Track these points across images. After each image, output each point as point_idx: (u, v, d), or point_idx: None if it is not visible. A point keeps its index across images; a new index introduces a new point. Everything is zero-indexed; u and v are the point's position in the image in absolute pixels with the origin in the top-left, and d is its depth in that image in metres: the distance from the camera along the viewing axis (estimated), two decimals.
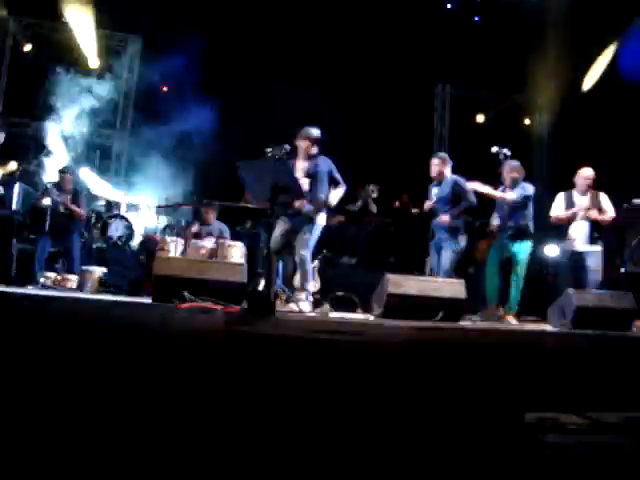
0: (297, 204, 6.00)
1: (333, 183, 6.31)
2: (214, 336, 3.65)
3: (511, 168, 7.02)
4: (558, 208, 7.12)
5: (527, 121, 15.25)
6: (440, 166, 7.04)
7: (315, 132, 6.39)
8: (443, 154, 7.44)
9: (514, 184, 6.97)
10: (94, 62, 12.52)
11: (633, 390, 3.93)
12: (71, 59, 12.25)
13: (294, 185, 4.67)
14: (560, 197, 7.16)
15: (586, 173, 7.06)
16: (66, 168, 9.00)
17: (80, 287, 7.21)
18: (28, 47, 12.31)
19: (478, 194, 6.89)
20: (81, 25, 12.00)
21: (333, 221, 8.95)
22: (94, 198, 10.57)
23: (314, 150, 6.27)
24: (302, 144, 6.22)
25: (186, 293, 4.14)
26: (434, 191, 7.05)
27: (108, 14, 12.00)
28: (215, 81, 12.49)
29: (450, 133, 15.31)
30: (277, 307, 5.94)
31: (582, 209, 6.87)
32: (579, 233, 6.93)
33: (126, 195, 11.24)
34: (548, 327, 5.99)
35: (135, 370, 3.45)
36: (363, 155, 12.18)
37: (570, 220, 6.98)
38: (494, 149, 7.02)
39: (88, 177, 10.94)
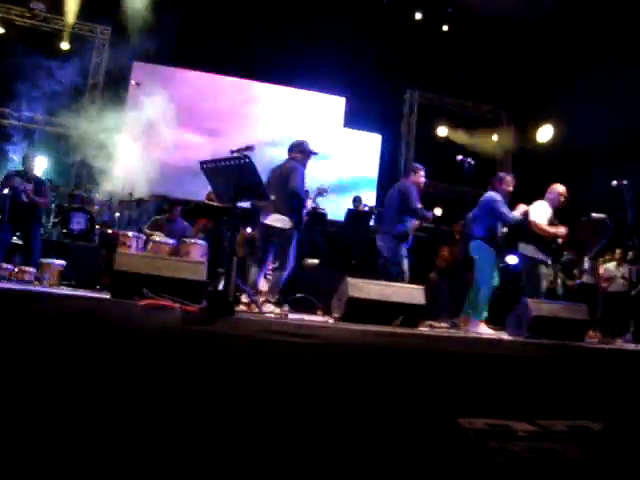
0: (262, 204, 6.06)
1: None
2: (172, 334, 3.64)
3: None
4: (543, 218, 7.18)
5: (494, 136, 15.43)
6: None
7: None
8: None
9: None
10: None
11: (582, 399, 4.02)
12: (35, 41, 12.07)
13: (259, 186, 4.66)
14: (545, 207, 7.19)
15: (562, 189, 7.18)
16: (30, 155, 8.85)
17: (38, 280, 7.10)
18: None
19: None
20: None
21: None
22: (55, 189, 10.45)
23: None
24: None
25: (145, 290, 4.11)
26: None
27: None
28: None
29: (416, 139, 15.48)
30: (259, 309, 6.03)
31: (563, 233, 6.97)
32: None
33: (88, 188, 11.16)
34: (505, 335, 6.07)
35: (91, 365, 3.43)
36: None
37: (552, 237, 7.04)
38: (459, 158, 7.11)
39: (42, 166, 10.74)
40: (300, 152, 6.97)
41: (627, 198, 7.14)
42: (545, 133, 13.31)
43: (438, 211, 6.99)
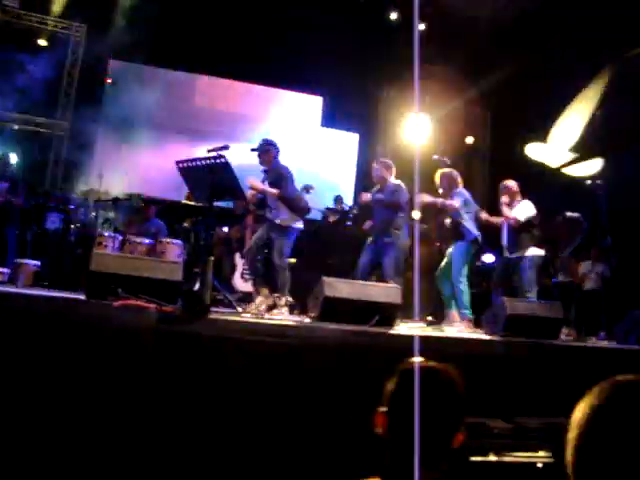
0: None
1: None
2: (147, 335, 3.63)
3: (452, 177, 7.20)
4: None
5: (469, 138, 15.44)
6: (381, 171, 7.16)
7: None
8: (385, 160, 7.54)
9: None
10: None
11: (556, 396, 4.06)
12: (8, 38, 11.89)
13: (235, 186, 4.66)
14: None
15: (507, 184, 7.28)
16: (4, 155, 8.74)
17: (12, 281, 7.03)
18: None
19: None
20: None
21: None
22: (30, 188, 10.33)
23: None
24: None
25: (120, 290, 4.09)
26: (374, 195, 7.18)
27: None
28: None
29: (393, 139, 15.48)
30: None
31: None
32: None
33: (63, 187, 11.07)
34: (481, 334, 6.11)
35: (67, 366, 3.41)
36: None
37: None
38: (435, 157, 7.16)
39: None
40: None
41: (601, 197, 7.23)
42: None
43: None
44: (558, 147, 8.92)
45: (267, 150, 6.80)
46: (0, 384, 3.32)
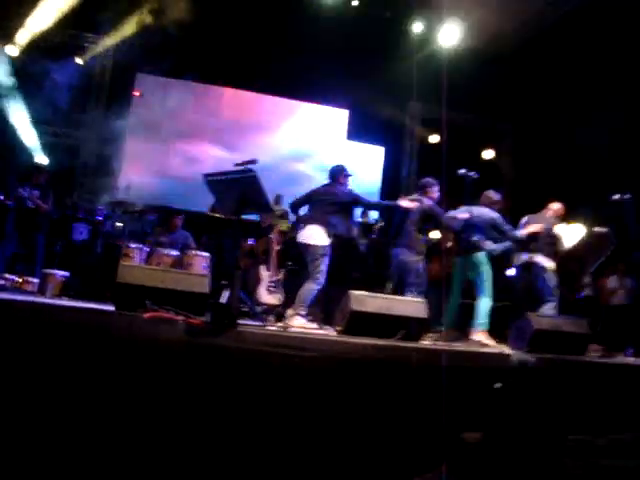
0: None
1: None
2: (176, 347, 3.66)
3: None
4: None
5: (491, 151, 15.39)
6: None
7: None
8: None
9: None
10: None
11: (583, 412, 4.03)
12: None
13: (262, 199, 4.68)
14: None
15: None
16: (39, 164, 8.87)
17: (41, 291, 7.11)
18: None
19: None
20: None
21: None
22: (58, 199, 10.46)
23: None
24: None
25: (149, 302, 4.12)
26: None
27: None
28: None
29: (419, 152, 15.49)
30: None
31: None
32: None
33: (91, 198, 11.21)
34: (506, 349, 6.08)
35: (96, 377, 3.45)
36: None
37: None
38: (461, 171, 7.13)
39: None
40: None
41: (629, 212, 7.17)
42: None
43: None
44: None
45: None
46: (31, 395, 3.36)
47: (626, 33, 10.45)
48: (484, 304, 6.86)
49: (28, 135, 11.83)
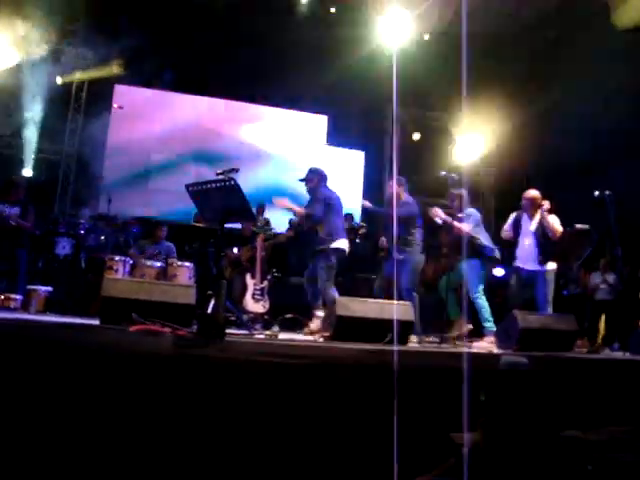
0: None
1: None
2: (163, 359, 3.63)
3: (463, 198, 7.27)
4: (506, 225, 7.36)
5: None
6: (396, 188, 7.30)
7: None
8: (399, 177, 7.64)
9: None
10: None
11: (573, 409, 4.04)
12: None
13: (245, 208, 4.68)
14: (511, 216, 7.37)
15: (528, 194, 7.27)
16: (17, 177, 8.74)
17: (25, 307, 7.05)
18: None
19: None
20: None
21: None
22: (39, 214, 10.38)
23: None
24: None
25: (135, 315, 4.11)
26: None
27: None
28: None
29: (399, 155, 15.51)
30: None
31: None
32: (524, 254, 7.14)
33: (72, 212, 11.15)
34: (494, 348, 6.10)
35: (84, 393, 3.41)
36: None
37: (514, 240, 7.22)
38: (442, 173, 7.17)
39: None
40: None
41: (610, 208, 7.23)
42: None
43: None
44: None
45: (310, 179, 7.37)
46: (14, 413, 3.33)
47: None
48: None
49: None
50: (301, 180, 7.45)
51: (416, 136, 15.01)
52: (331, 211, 7.12)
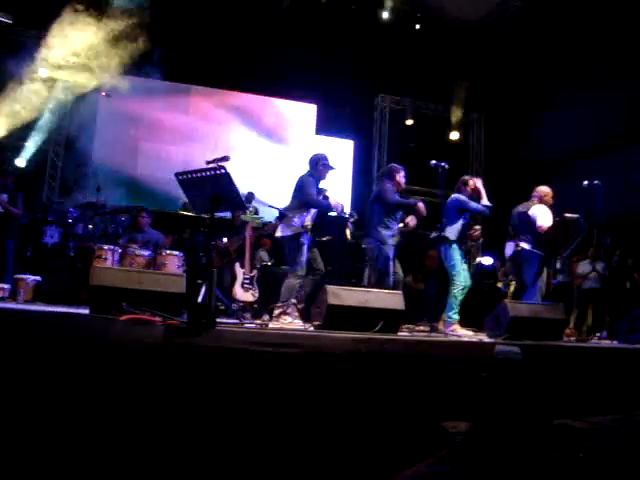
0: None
1: None
2: (154, 348, 3.62)
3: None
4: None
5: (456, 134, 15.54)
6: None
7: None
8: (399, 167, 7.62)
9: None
10: None
11: (563, 397, 4.07)
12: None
13: (235, 197, 4.65)
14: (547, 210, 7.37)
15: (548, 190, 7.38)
16: (4, 165, 8.70)
17: (13, 296, 7.01)
18: None
19: None
20: None
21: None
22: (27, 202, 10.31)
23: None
24: None
25: (125, 304, 4.08)
26: None
27: None
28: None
29: (389, 143, 15.54)
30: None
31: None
32: None
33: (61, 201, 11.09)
34: (484, 337, 6.12)
35: (73, 382, 3.40)
36: None
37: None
38: (432, 162, 7.16)
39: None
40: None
41: (599, 197, 7.26)
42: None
43: (412, 220, 7.07)
44: None
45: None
46: (4, 402, 3.31)
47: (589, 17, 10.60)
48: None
49: None
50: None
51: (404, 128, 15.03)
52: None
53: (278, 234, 6.92)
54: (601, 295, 9.55)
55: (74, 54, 11.41)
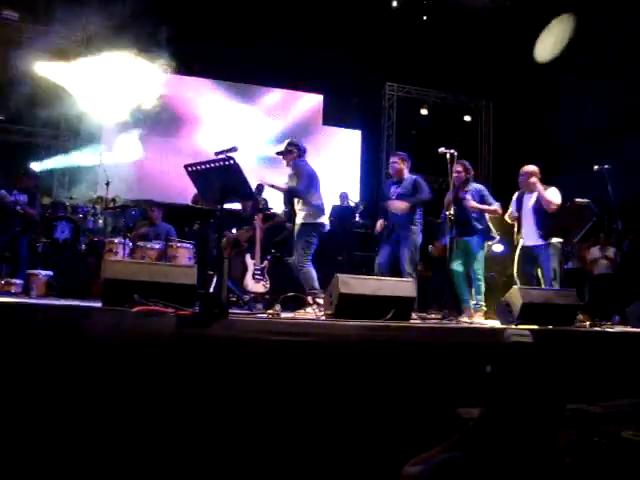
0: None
1: None
2: (167, 339, 3.63)
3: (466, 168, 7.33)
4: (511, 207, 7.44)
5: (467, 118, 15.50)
6: (399, 164, 7.27)
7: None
8: (402, 153, 7.62)
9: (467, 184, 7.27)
10: None
11: (577, 382, 4.05)
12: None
13: (244, 187, 4.65)
14: (514, 197, 7.41)
15: (524, 169, 7.31)
16: (27, 168, 8.84)
17: (26, 291, 7.05)
18: None
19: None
20: None
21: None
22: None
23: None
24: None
25: (137, 296, 4.08)
26: (392, 189, 7.29)
27: None
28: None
29: (397, 132, 15.47)
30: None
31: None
32: (527, 230, 7.20)
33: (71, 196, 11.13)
34: (496, 323, 6.11)
35: (88, 375, 3.42)
36: None
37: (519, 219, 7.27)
38: (441, 150, 7.12)
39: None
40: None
41: (609, 182, 7.21)
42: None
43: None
44: None
45: (289, 151, 7.07)
46: (18, 397, 3.33)
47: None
48: None
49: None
50: (279, 153, 7.20)
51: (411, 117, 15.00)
52: (313, 186, 7.01)
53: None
54: (613, 280, 9.50)
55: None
